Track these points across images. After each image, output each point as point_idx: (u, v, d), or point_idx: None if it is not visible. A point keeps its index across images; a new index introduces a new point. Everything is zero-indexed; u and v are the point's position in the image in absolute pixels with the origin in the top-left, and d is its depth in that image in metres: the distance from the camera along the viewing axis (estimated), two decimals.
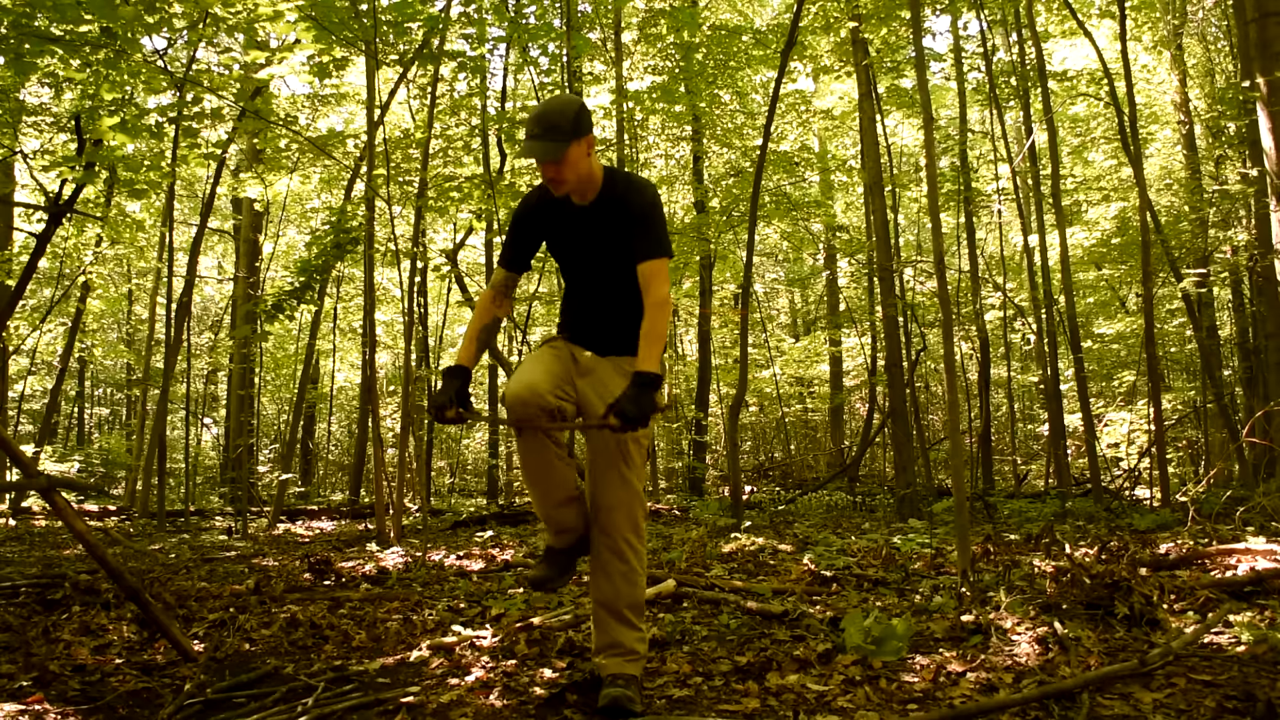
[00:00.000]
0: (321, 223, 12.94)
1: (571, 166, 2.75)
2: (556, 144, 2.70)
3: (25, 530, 8.57)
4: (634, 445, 2.84)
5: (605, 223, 2.85)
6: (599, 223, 2.86)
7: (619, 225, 2.83)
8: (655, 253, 2.80)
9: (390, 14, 6.94)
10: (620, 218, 2.83)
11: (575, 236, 2.93)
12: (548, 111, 2.75)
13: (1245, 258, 11.04)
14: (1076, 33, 11.45)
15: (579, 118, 2.75)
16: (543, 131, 2.71)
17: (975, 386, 12.45)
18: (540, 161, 2.75)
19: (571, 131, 2.71)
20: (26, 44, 5.22)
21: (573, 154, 2.73)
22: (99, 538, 4.52)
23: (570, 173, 2.76)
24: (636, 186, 2.87)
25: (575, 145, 2.72)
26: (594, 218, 2.87)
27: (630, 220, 2.82)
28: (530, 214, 2.98)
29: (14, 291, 6.83)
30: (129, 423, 20.28)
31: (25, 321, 13.27)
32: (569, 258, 2.99)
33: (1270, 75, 7.71)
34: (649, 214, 2.81)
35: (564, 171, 2.75)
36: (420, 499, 10.82)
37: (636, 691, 2.72)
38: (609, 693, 2.67)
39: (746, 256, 8.73)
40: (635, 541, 2.83)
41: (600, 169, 2.87)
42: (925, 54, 6.70)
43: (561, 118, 2.72)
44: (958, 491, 4.31)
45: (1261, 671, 2.87)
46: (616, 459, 2.82)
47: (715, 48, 12.60)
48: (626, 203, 2.83)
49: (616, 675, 2.74)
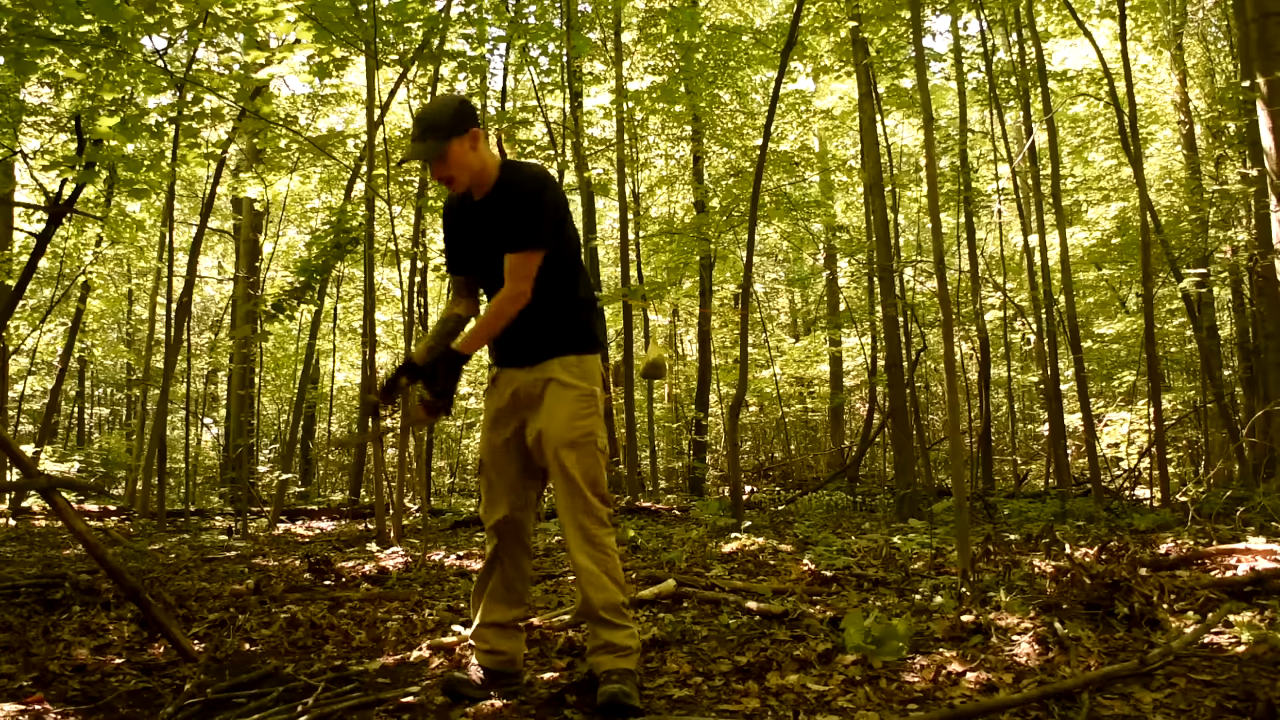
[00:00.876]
0: (321, 223, 12.93)
1: (457, 164, 2.75)
2: (436, 143, 2.71)
3: (25, 530, 8.57)
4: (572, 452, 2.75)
5: (498, 216, 2.82)
6: (493, 216, 2.83)
7: (510, 217, 2.79)
8: (521, 244, 2.74)
9: (390, 14, 6.94)
10: (510, 209, 2.80)
11: (474, 233, 2.91)
12: (426, 112, 2.78)
13: (1245, 258, 11.04)
14: (1076, 33, 11.45)
15: (458, 114, 2.74)
16: (422, 132, 2.73)
17: (975, 386, 12.45)
18: (424, 162, 2.77)
19: (451, 129, 2.72)
20: (26, 44, 5.22)
21: (454, 151, 2.72)
22: (99, 538, 4.52)
23: (457, 170, 2.76)
24: (526, 175, 2.83)
25: (457, 142, 2.72)
26: (488, 212, 2.84)
27: (516, 210, 2.78)
28: (449, 215, 2.99)
29: (14, 291, 6.83)
30: (129, 423, 20.28)
31: (25, 321, 13.26)
32: (473, 257, 2.95)
33: (1270, 75, 7.70)
34: (530, 202, 2.76)
35: (450, 169, 2.75)
36: (420, 499, 10.82)
37: (633, 686, 2.70)
38: (606, 689, 2.65)
39: (746, 256, 8.73)
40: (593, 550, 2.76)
41: (496, 163, 2.85)
42: (925, 54, 6.70)
43: (440, 116, 2.74)
44: (958, 491, 4.31)
45: (1261, 671, 2.87)
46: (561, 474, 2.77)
47: (715, 48, 12.60)
48: (515, 193, 2.80)
49: (611, 671, 2.72)
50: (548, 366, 2.83)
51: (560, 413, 2.77)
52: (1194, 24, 14.28)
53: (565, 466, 2.75)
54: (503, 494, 2.91)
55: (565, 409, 2.77)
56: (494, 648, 2.88)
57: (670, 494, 14.37)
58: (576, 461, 2.76)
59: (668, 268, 15.00)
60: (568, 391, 2.80)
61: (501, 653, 2.89)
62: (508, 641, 2.91)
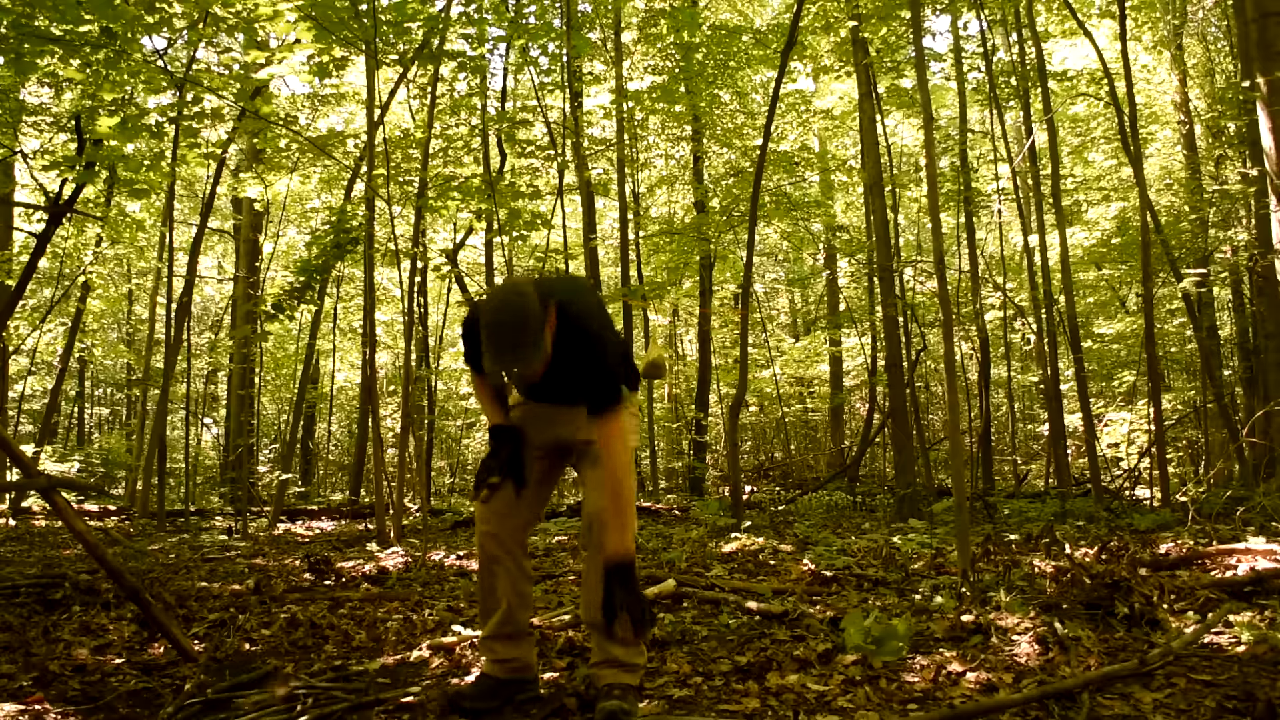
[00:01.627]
0: (321, 223, 12.94)
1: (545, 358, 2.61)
2: (536, 350, 2.53)
3: (25, 530, 8.57)
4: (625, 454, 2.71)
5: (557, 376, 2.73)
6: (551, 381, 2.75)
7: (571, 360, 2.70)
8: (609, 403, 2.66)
9: (390, 14, 6.94)
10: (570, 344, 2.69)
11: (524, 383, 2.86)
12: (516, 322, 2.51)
13: (1245, 258, 11.04)
14: (1076, 33, 11.45)
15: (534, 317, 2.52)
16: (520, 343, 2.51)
17: (975, 386, 12.45)
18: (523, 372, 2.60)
19: (536, 336, 2.52)
20: (26, 44, 5.22)
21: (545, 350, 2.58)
22: (99, 538, 4.52)
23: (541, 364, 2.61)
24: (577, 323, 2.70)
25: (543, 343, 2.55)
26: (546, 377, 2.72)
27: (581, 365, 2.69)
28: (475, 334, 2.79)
29: (14, 291, 6.83)
30: (129, 423, 20.28)
31: (25, 321, 13.27)
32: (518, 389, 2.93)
33: (1270, 75, 7.70)
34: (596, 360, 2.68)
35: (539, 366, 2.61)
36: (420, 499, 10.82)
37: (633, 703, 2.64)
38: (605, 706, 2.58)
39: (746, 256, 8.73)
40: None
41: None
42: (925, 54, 6.71)
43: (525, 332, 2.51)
44: (958, 491, 4.31)
45: (1261, 671, 2.87)
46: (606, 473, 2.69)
47: (715, 48, 12.60)
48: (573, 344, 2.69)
49: (613, 685, 2.67)
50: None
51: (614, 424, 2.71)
52: (1194, 24, 14.28)
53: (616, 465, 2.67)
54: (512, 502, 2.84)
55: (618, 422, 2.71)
56: (503, 656, 2.84)
57: (670, 494, 14.36)
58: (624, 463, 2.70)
59: (668, 268, 15.01)
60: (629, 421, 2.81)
61: (512, 660, 2.84)
62: (518, 649, 2.85)
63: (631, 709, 2.60)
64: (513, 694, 2.82)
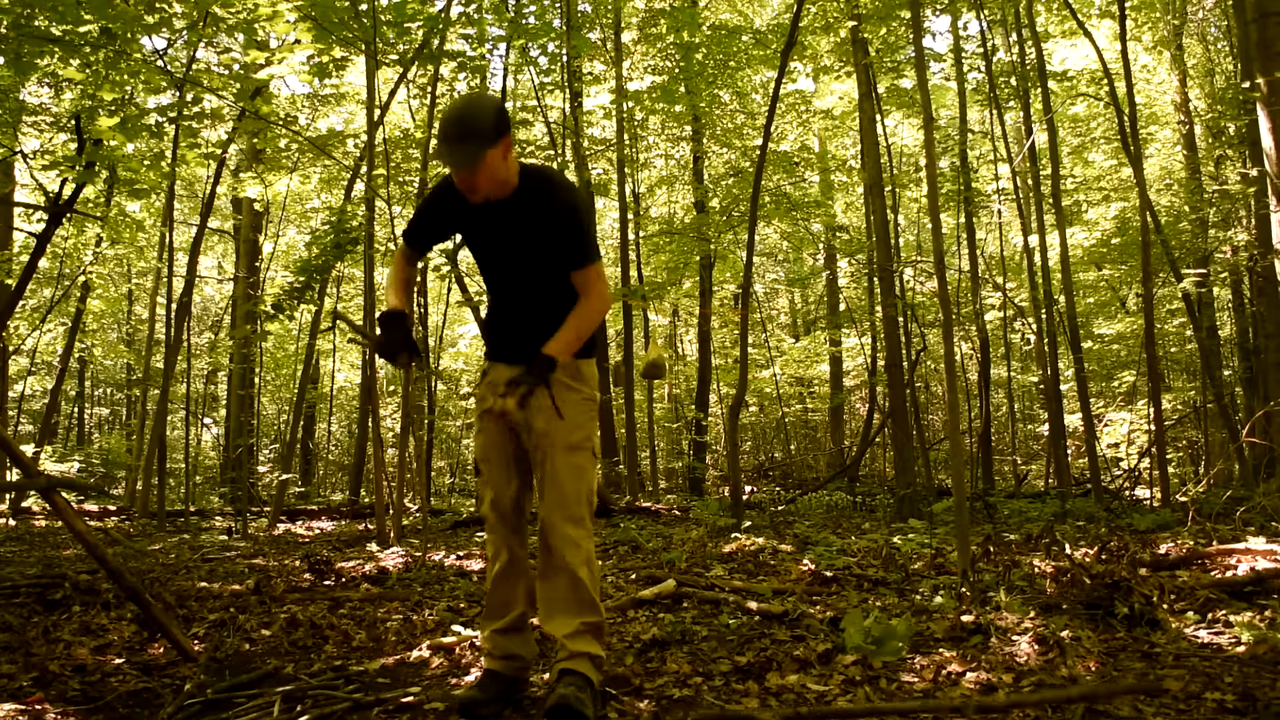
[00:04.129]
0: (321, 223, 12.95)
1: (489, 173, 2.61)
2: (476, 148, 2.55)
3: (25, 530, 8.57)
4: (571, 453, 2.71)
5: (522, 220, 2.71)
6: (515, 220, 2.72)
7: (538, 225, 2.70)
8: (584, 260, 2.70)
9: (390, 14, 6.94)
10: (540, 217, 2.70)
11: (490, 233, 2.79)
12: (466, 113, 2.58)
13: (1245, 258, 11.04)
14: (1076, 33, 11.45)
15: (499, 119, 2.58)
16: (461, 134, 2.54)
17: (975, 386, 12.45)
18: (456, 169, 2.60)
19: (492, 135, 2.55)
20: (26, 44, 5.22)
21: (490, 159, 2.58)
22: (99, 538, 4.52)
23: (486, 180, 2.62)
24: (558, 185, 2.72)
25: (493, 150, 2.57)
26: (510, 215, 2.73)
27: (553, 223, 2.68)
28: (443, 198, 2.83)
29: (14, 291, 6.83)
30: (129, 423, 20.28)
31: (25, 321, 13.26)
32: (485, 256, 2.86)
33: (1270, 75, 7.70)
34: (573, 218, 2.68)
35: (478, 179, 2.60)
36: (420, 499, 10.82)
37: (589, 694, 2.59)
38: (560, 693, 2.55)
39: (746, 256, 8.73)
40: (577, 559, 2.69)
41: (517, 166, 2.73)
42: (925, 54, 6.70)
43: (481, 120, 2.55)
44: (958, 491, 4.31)
45: (1261, 671, 2.87)
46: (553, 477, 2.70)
47: (715, 48, 12.60)
48: (548, 203, 2.70)
49: (569, 673, 2.62)
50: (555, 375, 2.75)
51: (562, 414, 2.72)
52: (1194, 24, 14.28)
53: (559, 470, 2.70)
54: (502, 470, 2.82)
55: (566, 411, 2.71)
56: (506, 652, 2.84)
57: (670, 494, 14.37)
58: (573, 466, 2.71)
59: (668, 268, 15.01)
60: (570, 395, 2.75)
61: (514, 656, 2.84)
62: (519, 644, 2.86)
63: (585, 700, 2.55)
64: (518, 691, 2.83)
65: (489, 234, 2.80)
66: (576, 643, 2.67)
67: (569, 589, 2.69)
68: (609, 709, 2.71)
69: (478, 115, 2.57)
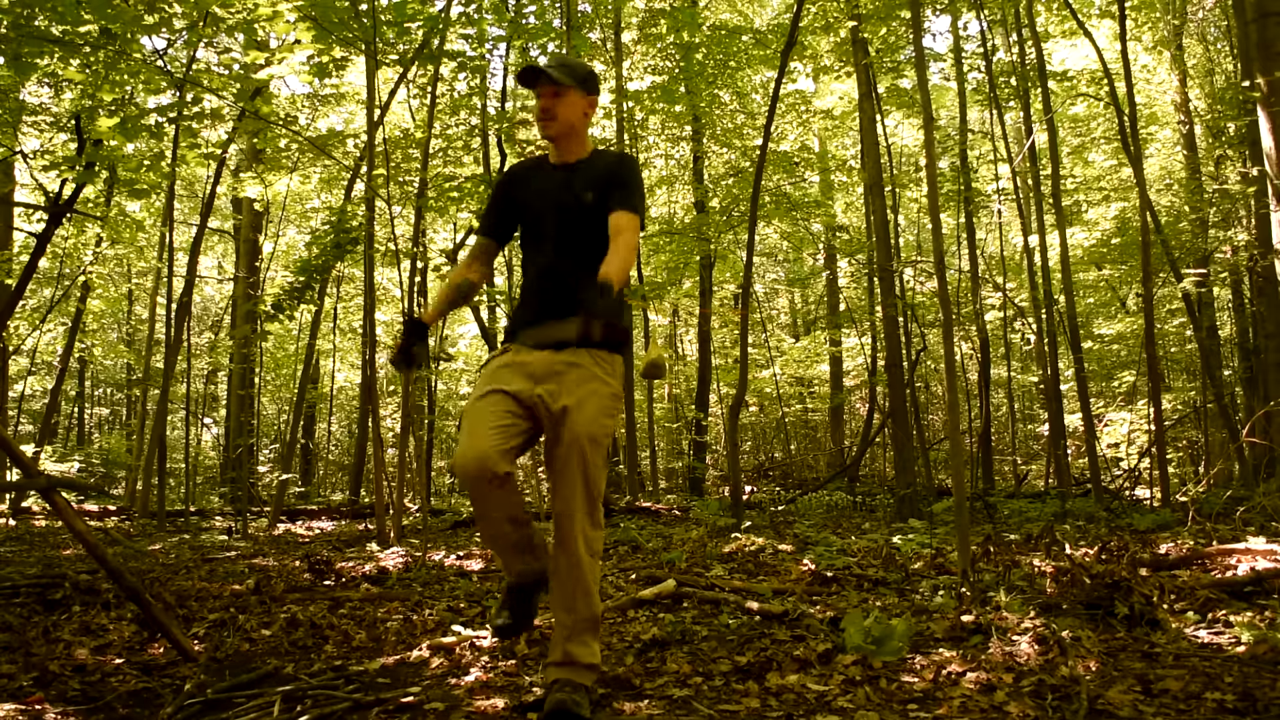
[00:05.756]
0: (321, 223, 12.94)
1: (568, 107, 2.78)
2: (565, 80, 2.75)
3: (25, 530, 8.57)
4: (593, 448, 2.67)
5: (582, 183, 2.81)
6: (575, 182, 2.82)
7: (596, 185, 2.79)
8: (630, 205, 2.75)
9: (390, 14, 6.93)
10: (600, 178, 2.80)
11: (549, 194, 2.86)
12: (567, 58, 2.87)
13: (1245, 258, 11.04)
14: (1076, 33, 11.45)
15: (591, 75, 2.84)
16: (558, 64, 2.79)
17: (975, 386, 12.45)
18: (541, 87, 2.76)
19: (582, 80, 2.79)
20: (26, 44, 5.22)
21: (572, 98, 2.78)
22: (99, 538, 4.52)
23: (565, 111, 2.79)
24: (620, 156, 2.92)
25: (577, 91, 2.78)
26: (572, 177, 2.84)
27: (617, 174, 2.81)
28: (509, 180, 2.99)
29: (14, 291, 6.83)
30: (129, 423, 20.28)
31: (25, 321, 13.27)
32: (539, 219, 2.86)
33: (1270, 75, 7.70)
34: (631, 178, 2.80)
35: (558, 107, 2.77)
36: (420, 499, 10.82)
37: (585, 697, 2.60)
38: (555, 698, 2.55)
39: (746, 256, 8.73)
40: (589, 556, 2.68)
41: (591, 140, 2.92)
42: (925, 54, 6.69)
43: (579, 66, 2.82)
44: (958, 491, 4.31)
45: (1261, 671, 2.87)
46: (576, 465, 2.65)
47: (715, 48, 12.60)
48: (610, 166, 2.83)
49: (564, 681, 2.62)
50: (580, 354, 2.72)
51: (591, 405, 2.68)
52: (1194, 24, 14.27)
53: (584, 459, 2.65)
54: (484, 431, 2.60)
55: (596, 403, 2.69)
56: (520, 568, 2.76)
57: (670, 494, 14.36)
58: (593, 458, 2.67)
59: (668, 268, 15.01)
60: (602, 387, 2.72)
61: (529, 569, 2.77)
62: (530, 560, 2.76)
63: (583, 701, 2.57)
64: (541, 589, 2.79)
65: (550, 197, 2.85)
66: (573, 644, 2.66)
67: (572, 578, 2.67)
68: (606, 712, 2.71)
69: (581, 64, 2.85)
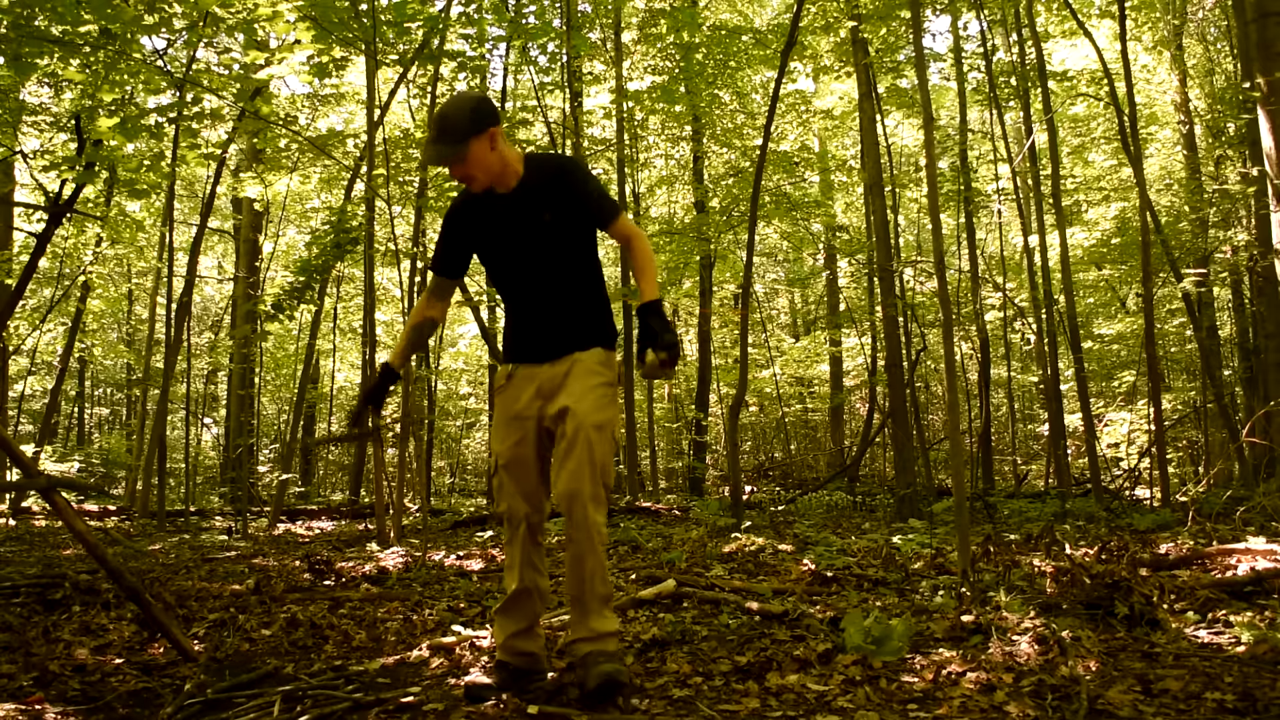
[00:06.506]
0: (321, 223, 12.93)
1: (477, 164, 2.73)
2: (455, 146, 2.68)
3: (25, 530, 8.57)
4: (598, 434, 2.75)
5: (534, 204, 2.81)
6: (527, 206, 2.82)
7: (555, 200, 2.80)
8: (615, 210, 2.84)
9: (390, 14, 6.94)
10: (553, 195, 2.80)
11: (505, 226, 2.87)
12: (443, 113, 2.73)
13: (1245, 258, 11.04)
14: (1076, 33, 11.45)
15: (476, 114, 2.71)
16: (439, 134, 2.70)
17: (975, 386, 12.45)
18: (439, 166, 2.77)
19: (469, 129, 2.68)
20: (26, 44, 5.22)
21: (475, 151, 2.70)
22: (99, 538, 4.52)
23: (478, 170, 2.75)
24: (558, 162, 2.91)
25: (475, 143, 2.69)
26: (521, 202, 2.83)
27: (570, 192, 2.81)
28: (457, 215, 2.95)
29: (14, 291, 6.83)
30: (129, 423, 20.28)
31: (25, 321, 13.27)
32: (505, 257, 2.91)
33: (1270, 75, 7.70)
34: (581, 184, 2.82)
35: (470, 168, 2.74)
36: (420, 499, 10.82)
37: (623, 664, 2.72)
38: (600, 670, 2.64)
39: (746, 256, 8.73)
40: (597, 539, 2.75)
41: (518, 157, 2.86)
42: (925, 54, 6.69)
43: (457, 117, 2.69)
44: (958, 491, 4.31)
45: (1261, 671, 2.87)
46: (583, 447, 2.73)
47: (715, 48, 12.60)
48: (558, 179, 2.83)
49: (598, 653, 2.72)
50: (572, 359, 2.84)
51: (589, 397, 2.77)
52: (1194, 24, 14.27)
53: (590, 444, 2.72)
54: (520, 498, 2.91)
55: (594, 394, 2.78)
56: (519, 650, 2.91)
57: (670, 494, 14.37)
58: (598, 443, 2.74)
59: (668, 268, 15.00)
60: (595, 379, 2.81)
61: (527, 653, 2.92)
62: (531, 643, 2.93)
63: (623, 670, 2.68)
64: (530, 681, 2.88)
65: (507, 229, 2.87)
66: (594, 619, 2.76)
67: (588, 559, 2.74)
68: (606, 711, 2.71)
69: (454, 113, 2.71)
